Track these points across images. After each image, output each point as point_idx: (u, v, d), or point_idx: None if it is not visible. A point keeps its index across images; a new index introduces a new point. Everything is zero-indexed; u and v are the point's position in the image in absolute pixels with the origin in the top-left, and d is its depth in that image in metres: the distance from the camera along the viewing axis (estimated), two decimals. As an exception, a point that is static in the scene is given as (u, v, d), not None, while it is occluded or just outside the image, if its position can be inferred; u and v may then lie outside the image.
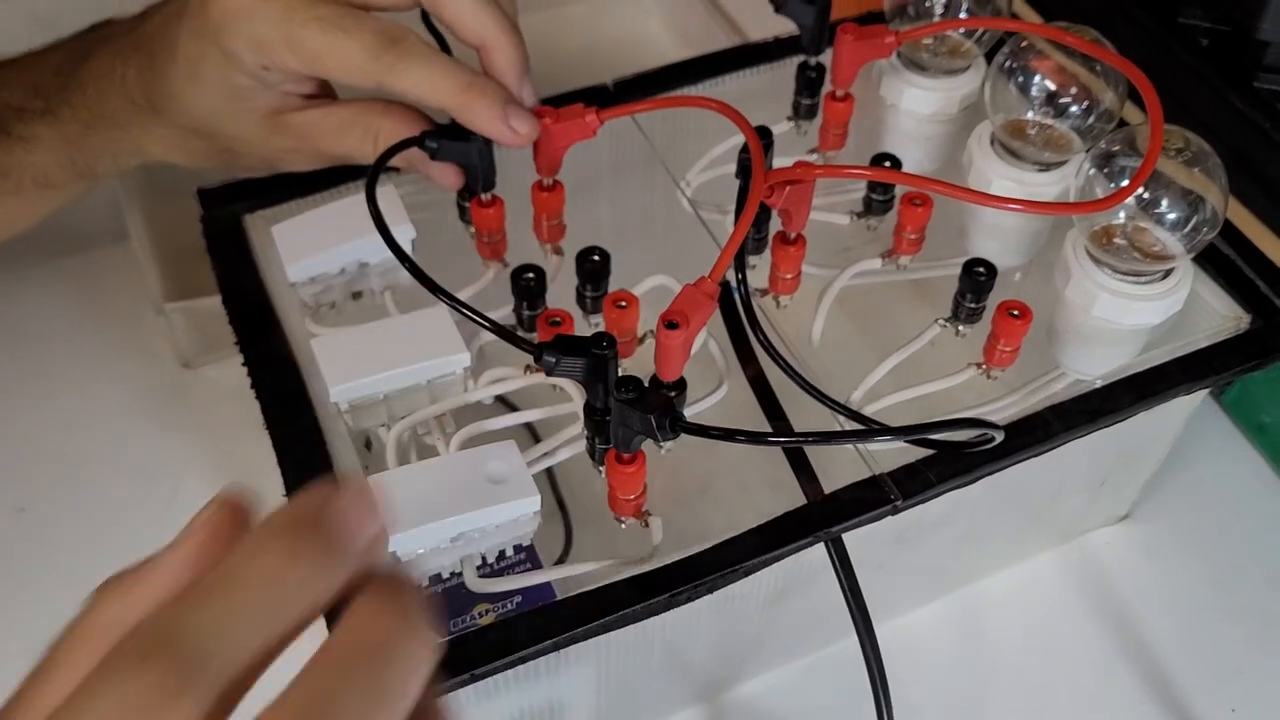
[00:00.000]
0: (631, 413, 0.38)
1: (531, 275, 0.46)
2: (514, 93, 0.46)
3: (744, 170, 0.49)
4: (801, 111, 0.56)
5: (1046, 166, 0.51)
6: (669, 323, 0.39)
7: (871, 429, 0.36)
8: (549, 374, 0.38)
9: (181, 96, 0.48)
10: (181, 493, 0.60)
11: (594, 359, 0.38)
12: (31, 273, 0.70)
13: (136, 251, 0.64)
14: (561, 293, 0.48)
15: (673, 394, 0.42)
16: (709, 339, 0.48)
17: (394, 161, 0.46)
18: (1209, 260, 0.50)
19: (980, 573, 0.57)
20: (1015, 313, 0.46)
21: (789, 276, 0.49)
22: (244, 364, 0.46)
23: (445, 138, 0.46)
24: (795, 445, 0.43)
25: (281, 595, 0.23)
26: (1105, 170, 0.46)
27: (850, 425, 0.46)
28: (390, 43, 0.44)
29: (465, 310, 0.41)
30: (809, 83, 0.55)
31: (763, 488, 0.59)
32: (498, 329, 0.41)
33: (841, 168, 0.51)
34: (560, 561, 0.55)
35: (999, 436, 0.37)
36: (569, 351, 0.38)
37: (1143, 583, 0.58)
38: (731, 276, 0.47)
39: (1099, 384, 0.48)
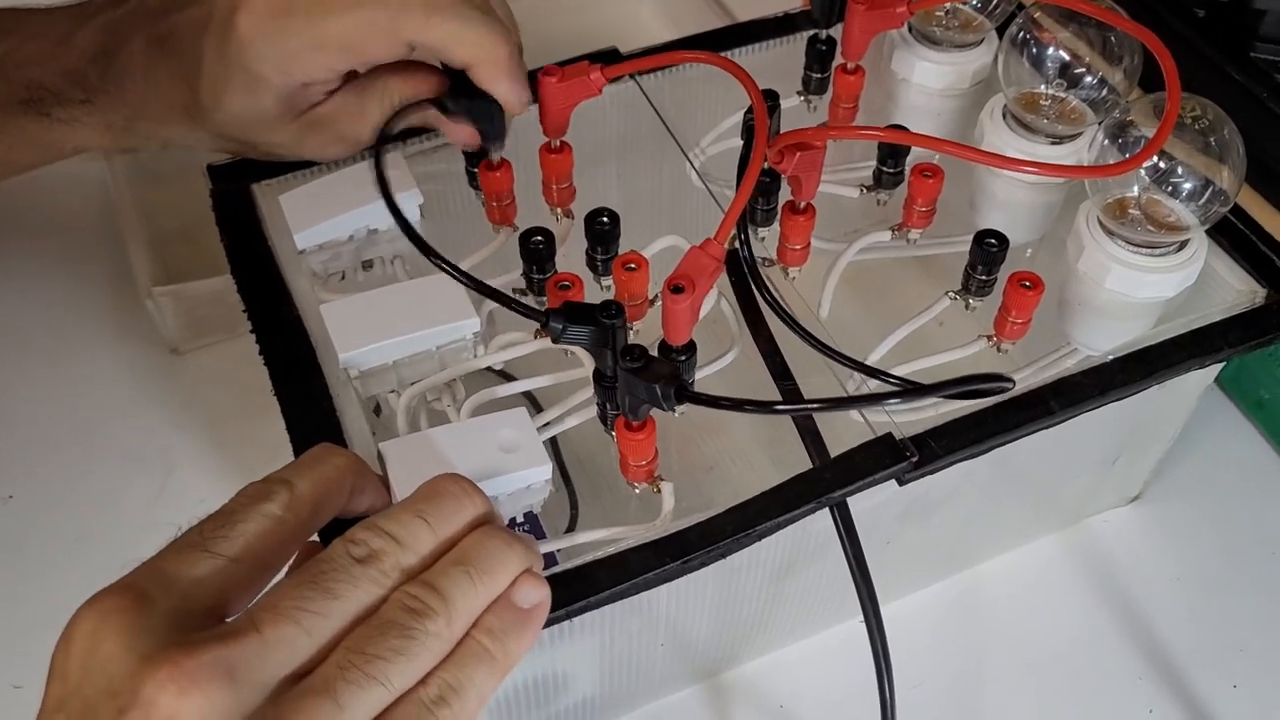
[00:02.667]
0: (638, 382, 0.38)
1: (540, 239, 0.46)
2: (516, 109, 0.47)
3: (749, 132, 0.48)
4: (812, 86, 0.56)
5: (1059, 139, 0.51)
6: (675, 286, 0.39)
7: (876, 394, 0.35)
8: (555, 341, 0.38)
9: (212, 113, 0.47)
10: (172, 478, 0.60)
11: (601, 327, 0.38)
12: (18, 259, 0.69)
13: (124, 237, 0.64)
14: (572, 256, 0.48)
15: (682, 358, 0.42)
16: (720, 298, 0.47)
17: (411, 121, 0.45)
18: (1223, 234, 0.49)
19: (987, 554, 0.57)
20: (1027, 284, 0.46)
21: (798, 247, 0.49)
22: (252, 331, 0.46)
23: (461, 95, 0.46)
24: (804, 413, 0.42)
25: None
26: (1119, 141, 0.46)
27: (860, 389, 0.46)
28: None
29: (462, 278, 0.40)
30: (819, 56, 0.55)
31: (768, 466, 0.58)
32: (500, 296, 0.41)
33: (853, 128, 0.51)
34: (567, 533, 0.55)
35: (1010, 385, 0.36)
36: (576, 319, 0.37)
37: (1146, 562, 0.57)
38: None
39: (1110, 359, 0.48)
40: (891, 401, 0.39)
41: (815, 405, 0.41)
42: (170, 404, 0.63)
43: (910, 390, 0.36)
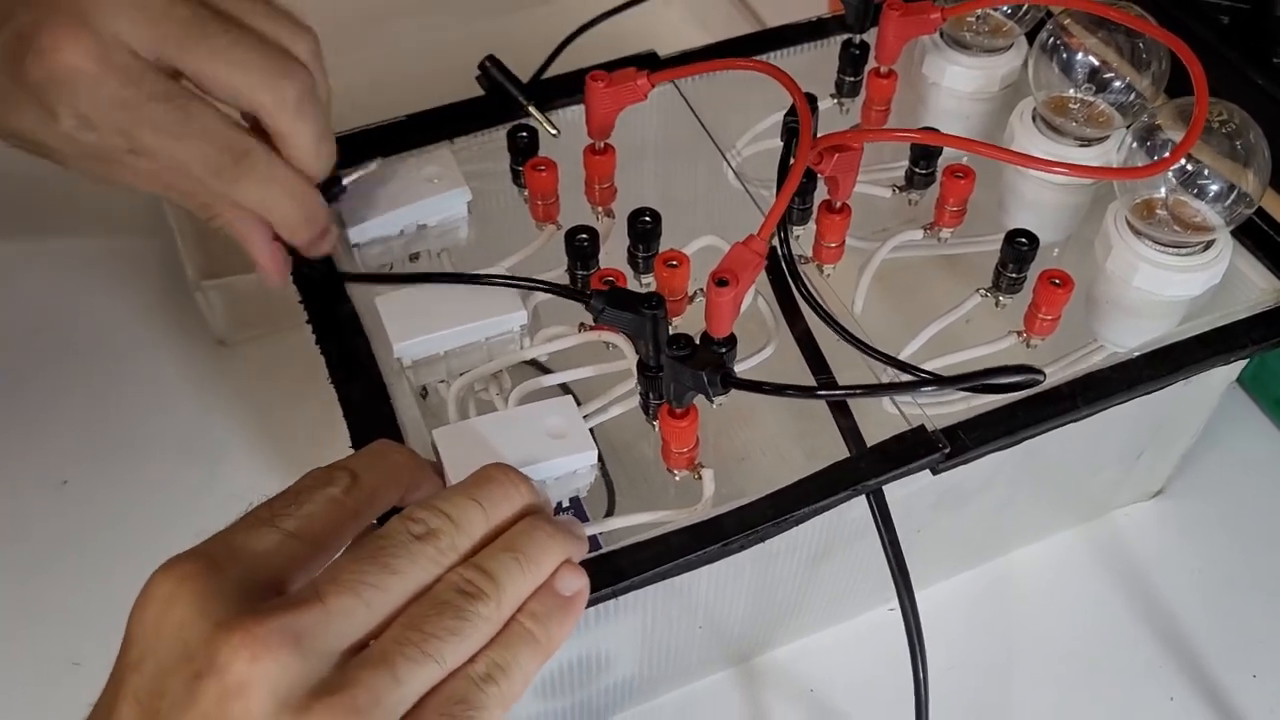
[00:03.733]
0: (683, 369, 0.40)
1: (585, 236, 0.47)
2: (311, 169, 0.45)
3: (789, 134, 0.50)
4: (845, 89, 0.57)
5: (1088, 142, 0.52)
6: (719, 280, 0.41)
7: (915, 380, 0.37)
8: (596, 320, 0.40)
9: None
10: (219, 467, 0.62)
11: (641, 317, 0.39)
12: (70, 251, 0.71)
13: (173, 230, 0.65)
14: (613, 255, 0.50)
15: (723, 350, 0.43)
16: (758, 296, 0.49)
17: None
18: (1248, 234, 0.51)
19: (1014, 544, 0.58)
20: (1057, 281, 0.47)
21: (833, 245, 0.51)
22: (308, 322, 0.47)
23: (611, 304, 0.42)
24: (842, 398, 0.44)
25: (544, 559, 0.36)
26: (1147, 144, 0.47)
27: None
28: (232, 159, 0.42)
29: (504, 280, 0.42)
30: (853, 60, 0.56)
31: (800, 458, 0.60)
32: (546, 285, 0.42)
33: (888, 131, 0.52)
34: (607, 517, 0.56)
35: (1042, 379, 0.38)
36: (617, 304, 0.39)
37: (1168, 555, 0.59)
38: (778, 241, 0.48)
39: (1136, 355, 0.49)
40: (927, 389, 0.40)
41: (855, 391, 0.42)
42: (218, 395, 0.65)
43: (946, 380, 0.37)
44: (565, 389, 0.56)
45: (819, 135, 0.50)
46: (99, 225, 0.72)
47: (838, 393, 0.43)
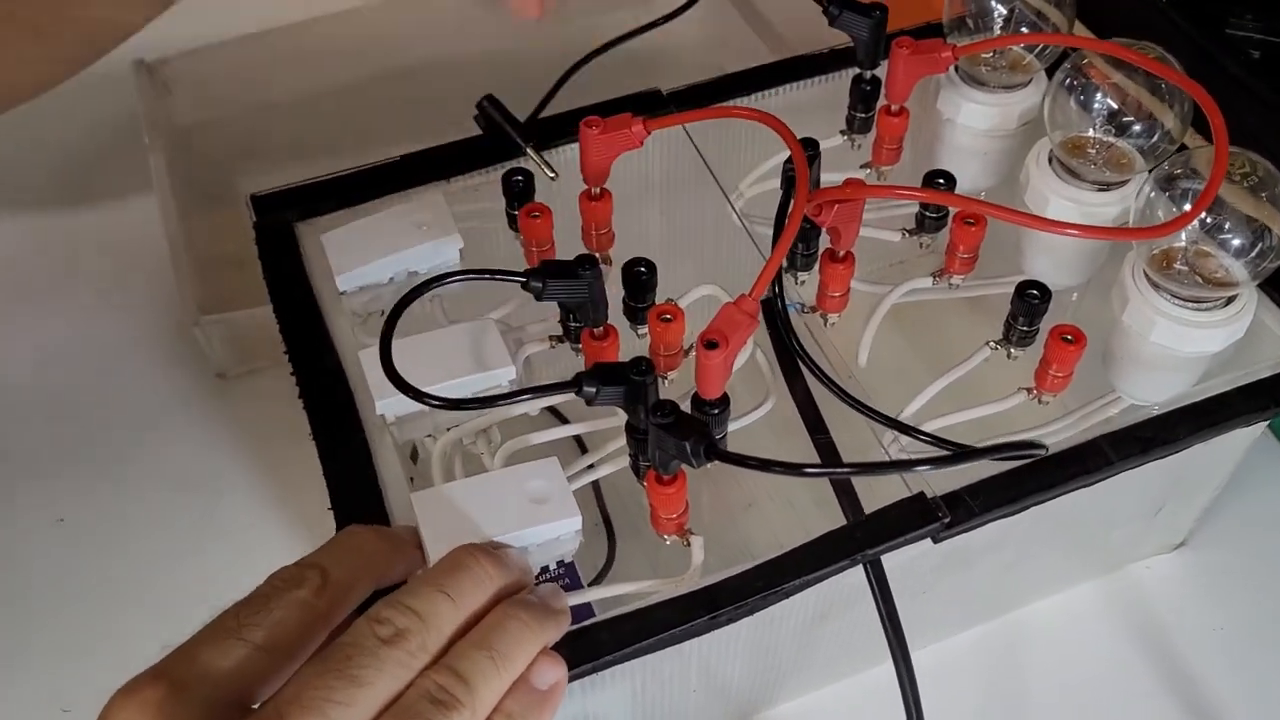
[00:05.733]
0: (667, 438, 0.38)
1: (644, 269, 0.46)
2: None
3: (788, 182, 0.48)
4: (855, 125, 0.55)
5: (1106, 186, 0.50)
6: (708, 342, 0.39)
7: (913, 459, 0.35)
8: (590, 404, 0.38)
9: None
10: (220, 502, 0.61)
11: (632, 385, 0.38)
12: (69, 284, 0.71)
13: (172, 263, 0.65)
14: (612, 297, 0.48)
15: (715, 412, 0.42)
16: (756, 349, 0.47)
17: None
18: (1274, 286, 0.48)
19: (1025, 599, 0.56)
20: (1069, 338, 0.45)
21: (837, 294, 0.49)
22: (292, 374, 0.46)
23: (552, 277, 0.43)
24: (832, 476, 0.42)
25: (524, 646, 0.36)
26: (1167, 193, 0.45)
27: (894, 443, 0.46)
28: None
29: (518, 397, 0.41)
30: (864, 96, 0.54)
31: (809, 505, 0.58)
32: (528, 391, 0.41)
33: (892, 188, 0.50)
34: (602, 573, 0.55)
35: (1044, 451, 0.36)
36: (609, 381, 0.38)
37: (1189, 611, 0.56)
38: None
39: (1155, 411, 0.47)
40: (923, 468, 0.38)
41: (846, 470, 0.41)
42: (217, 428, 0.64)
43: (944, 458, 0.35)
44: (576, 438, 0.55)
45: (821, 182, 0.49)
46: (99, 255, 0.72)
47: (828, 471, 0.41)
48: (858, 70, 0.54)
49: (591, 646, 0.39)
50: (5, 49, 0.51)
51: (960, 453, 0.35)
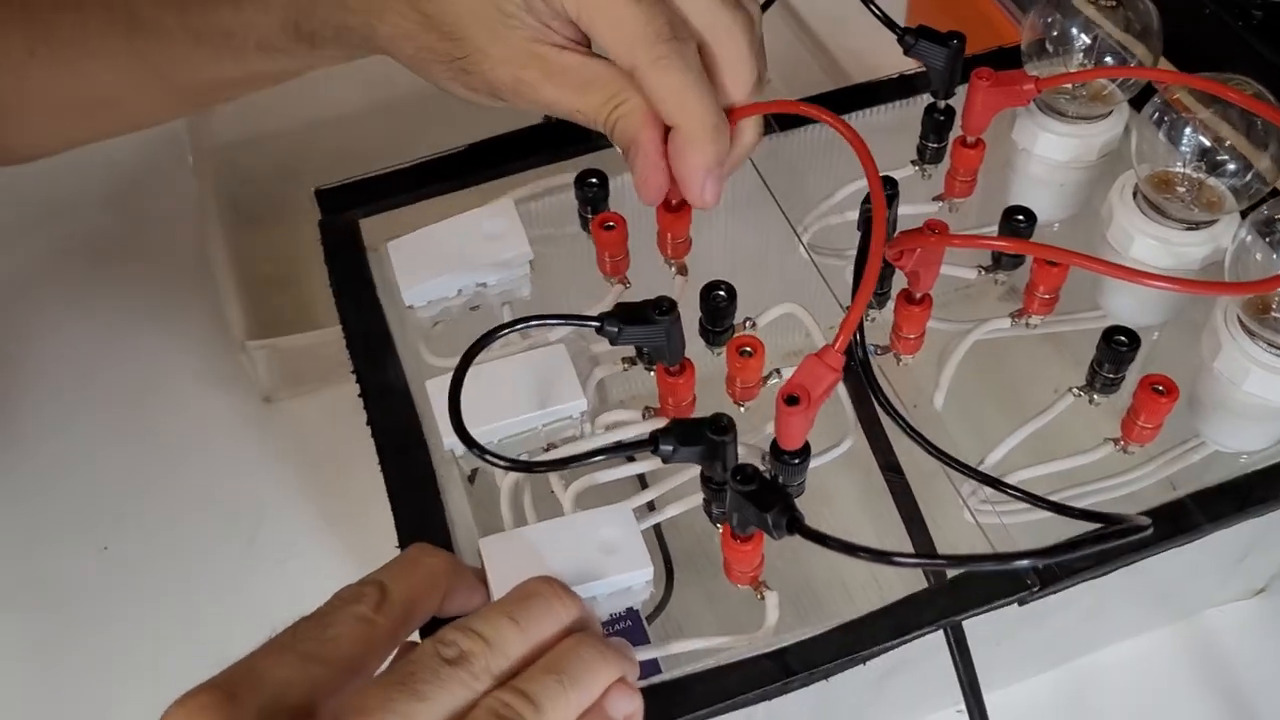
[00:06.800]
0: (747, 505, 0.37)
1: (723, 294, 0.44)
2: (740, 97, 0.43)
3: (866, 223, 0.46)
4: (927, 155, 0.53)
5: (1194, 225, 0.48)
6: (789, 398, 0.37)
7: (1014, 553, 0.33)
8: (666, 462, 0.37)
9: None
10: (263, 527, 0.60)
11: (710, 443, 0.36)
12: (115, 306, 0.70)
13: (219, 286, 0.64)
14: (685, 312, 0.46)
15: (795, 461, 0.40)
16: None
17: None
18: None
19: (1099, 646, 0.55)
20: (1160, 388, 0.43)
21: (912, 337, 0.47)
22: (360, 395, 0.46)
23: (628, 323, 0.41)
24: (924, 567, 0.40)
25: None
26: (1266, 238, 0.43)
27: (974, 495, 0.44)
28: (670, 35, 0.40)
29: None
30: (937, 126, 0.52)
31: (874, 542, 0.56)
32: (602, 451, 0.40)
33: (977, 237, 0.48)
34: (657, 610, 0.54)
35: (1149, 531, 0.34)
36: (686, 440, 0.36)
37: (1268, 659, 0.54)
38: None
39: (1244, 459, 0.45)
40: (1020, 563, 0.36)
41: (937, 562, 0.39)
42: (262, 452, 0.64)
43: (1042, 551, 0.33)
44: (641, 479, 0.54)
45: (899, 215, 0.47)
46: (145, 278, 0.71)
47: (917, 562, 0.39)
48: (930, 99, 0.52)
49: (662, 706, 0.38)
50: (140, 93, 0.52)
51: (1063, 544, 0.33)
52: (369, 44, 0.46)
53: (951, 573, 0.40)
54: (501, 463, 0.38)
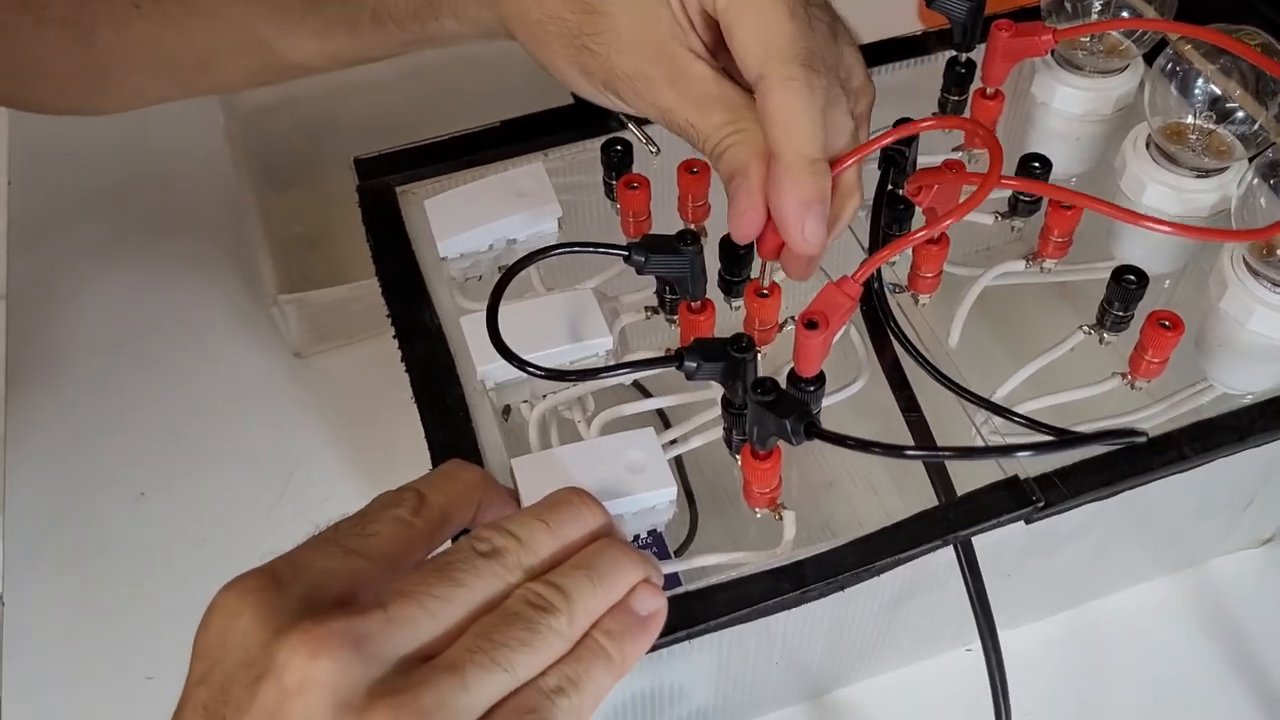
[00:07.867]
0: (767, 415, 0.38)
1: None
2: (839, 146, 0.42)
3: (887, 163, 0.48)
4: (949, 108, 0.55)
5: (1204, 173, 0.49)
6: (809, 322, 0.39)
7: (1010, 445, 0.35)
8: (690, 379, 0.39)
9: None
10: (293, 479, 0.62)
11: (732, 361, 0.38)
12: (149, 267, 0.72)
13: (251, 244, 0.66)
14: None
15: (811, 389, 0.42)
16: (850, 327, 0.47)
17: None
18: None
19: (1107, 589, 0.56)
20: (1166, 324, 0.45)
21: (930, 275, 0.49)
22: (394, 337, 0.47)
23: (654, 251, 0.43)
24: (932, 459, 0.42)
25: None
26: (1271, 181, 0.45)
27: (987, 424, 0.46)
28: (808, 61, 0.40)
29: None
30: (958, 79, 0.54)
31: (890, 486, 0.58)
32: (629, 365, 0.42)
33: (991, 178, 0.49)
34: (684, 545, 0.56)
35: (1144, 439, 0.36)
36: (709, 357, 0.38)
37: (1276, 607, 0.56)
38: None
39: (1248, 400, 0.47)
40: (1023, 454, 0.38)
41: (945, 453, 0.41)
42: (292, 407, 0.65)
43: (1046, 444, 0.35)
44: (660, 413, 0.55)
45: (918, 164, 0.48)
46: (178, 235, 0.73)
47: (927, 454, 0.41)
48: (951, 54, 0.54)
49: (685, 614, 0.40)
50: (237, 57, 0.53)
51: (1062, 439, 0.35)
52: (492, 8, 0.46)
53: (961, 485, 0.42)
54: (539, 372, 0.40)
